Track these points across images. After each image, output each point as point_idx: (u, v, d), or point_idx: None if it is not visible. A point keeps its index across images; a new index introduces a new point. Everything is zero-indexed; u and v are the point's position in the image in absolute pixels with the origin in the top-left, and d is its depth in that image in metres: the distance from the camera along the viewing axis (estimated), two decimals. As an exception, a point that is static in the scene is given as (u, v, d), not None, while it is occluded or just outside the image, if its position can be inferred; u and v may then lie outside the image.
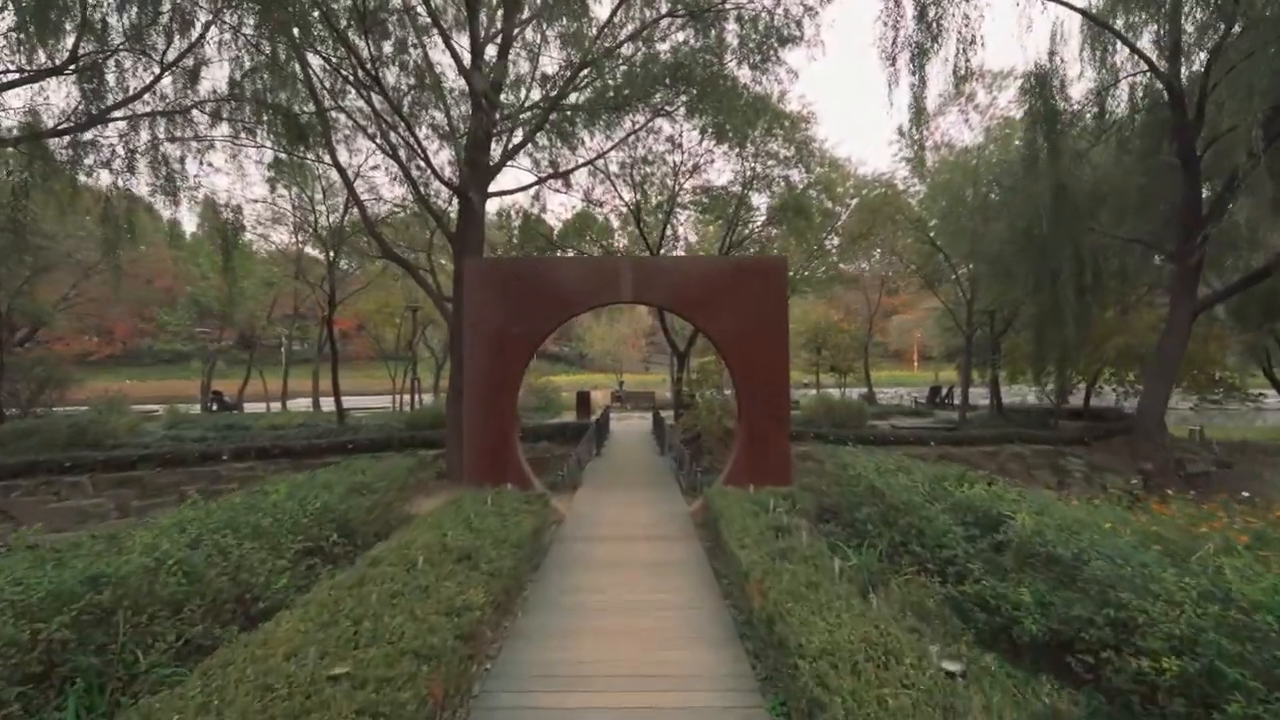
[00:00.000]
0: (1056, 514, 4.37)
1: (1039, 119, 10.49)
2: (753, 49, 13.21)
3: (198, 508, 5.15)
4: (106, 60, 11.61)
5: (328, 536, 5.23)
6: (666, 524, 7.66)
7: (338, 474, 6.86)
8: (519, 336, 8.98)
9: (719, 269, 9.75)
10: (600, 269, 9.60)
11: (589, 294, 9.22)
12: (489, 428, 8.96)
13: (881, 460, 7.15)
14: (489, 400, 8.99)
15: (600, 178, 17.84)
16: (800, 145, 15.59)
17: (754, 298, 8.85)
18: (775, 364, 8.80)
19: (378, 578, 4.05)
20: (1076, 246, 10.71)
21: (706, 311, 9.05)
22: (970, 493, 5.05)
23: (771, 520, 5.90)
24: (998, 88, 20.05)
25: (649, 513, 8.28)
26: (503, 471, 8.47)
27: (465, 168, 10.34)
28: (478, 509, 6.20)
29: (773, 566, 4.36)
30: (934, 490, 5.37)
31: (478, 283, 9.09)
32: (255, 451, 15.99)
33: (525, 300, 8.86)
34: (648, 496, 9.42)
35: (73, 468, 14.64)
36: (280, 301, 27.72)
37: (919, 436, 18.35)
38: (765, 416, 8.75)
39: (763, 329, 8.83)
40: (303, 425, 19.95)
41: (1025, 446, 18.79)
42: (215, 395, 28.68)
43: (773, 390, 8.77)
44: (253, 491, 6.03)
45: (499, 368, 9.00)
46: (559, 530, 7.34)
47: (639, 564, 6.01)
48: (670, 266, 10.18)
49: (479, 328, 9.03)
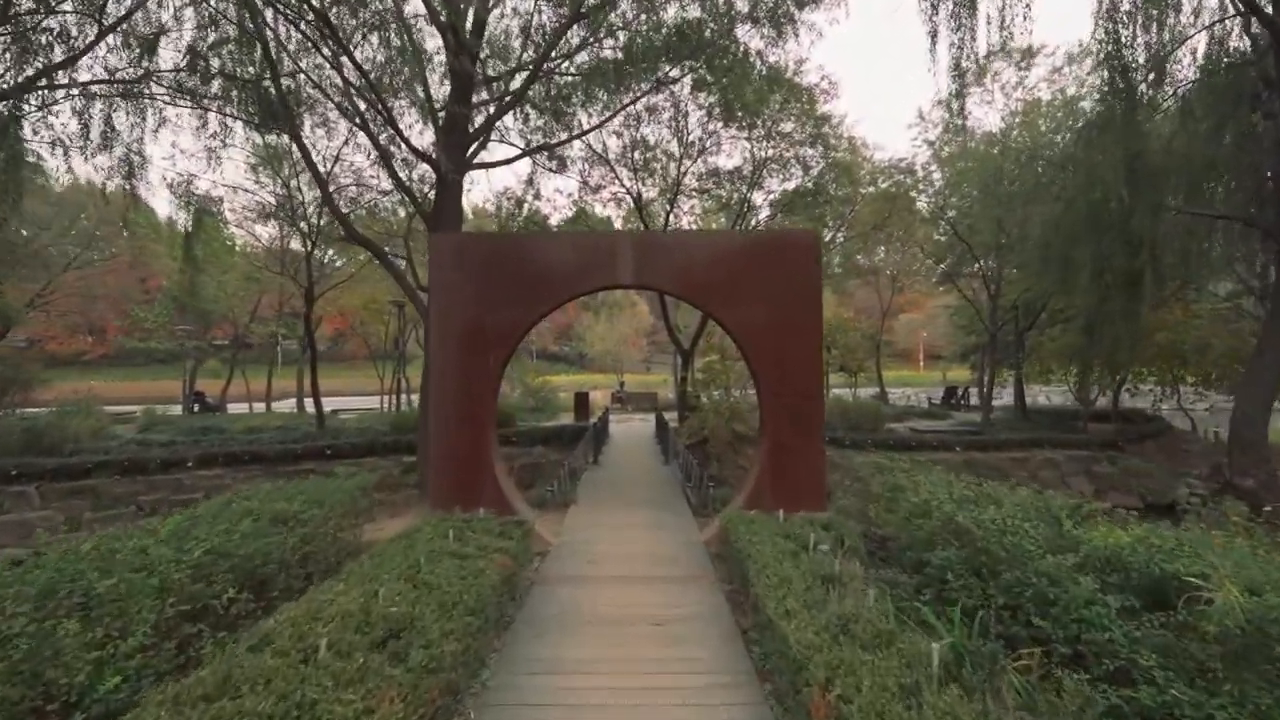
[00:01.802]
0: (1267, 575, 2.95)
1: (1115, 72, 8.96)
2: (765, 13, 11.81)
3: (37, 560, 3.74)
4: (43, 18, 10.26)
5: (219, 594, 3.84)
6: (676, 557, 6.23)
7: (265, 498, 5.46)
8: (497, 329, 7.44)
9: (737, 246, 8.14)
10: (594, 246, 7.97)
11: (580, 277, 7.67)
12: (459, 440, 7.41)
13: (943, 478, 5.72)
14: (459, 406, 7.44)
15: (598, 161, 16.41)
16: (818, 123, 14.14)
17: (779, 281, 7.31)
18: (805, 362, 7.28)
19: (246, 681, 2.66)
20: (1153, 225, 9.23)
21: (721, 298, 7.51)
22: (1110, 540, 3.61)
23: (815, 565, 4.50)
24: (1026, 66, 18.72)
25: (654, 541, 6.84)
26: (476, 494, 6.95)
27: (440, 135, 8.91)
28: (434, 547, 4.79)
29: (838, 655, 2.97)
30: (1051, 531, 3.93)
31: (447, 262, 7.57)
32: (223, 458, 14.78)
33: (504, 284, 7.37)
34: (652, 517, 7.97)
35: (19, 476, 13.37)
36: (267, 298, 26.37)
37: (942, 441, 17.18)
38: (794, 426, 7.20)
39: (790, 319, 7.28)
40: (281, 428, 18.66)
41: (1057, 451, 17.60)
42: (197, 396, 27.52)
43: (803, 394, 7.21)
44: (133, 527, 4.64)
45: (472, 366, 7.46)
46: (542, 567, 5.93)
47: (643, 622, 4.59)
48: (677, 243, 8.53)
49: (448, 317, 7.52)
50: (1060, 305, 18.36)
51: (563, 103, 13.06)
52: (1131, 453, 18.52)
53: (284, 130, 10.55)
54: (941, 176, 20.28)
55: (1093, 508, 4.48)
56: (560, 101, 13.01)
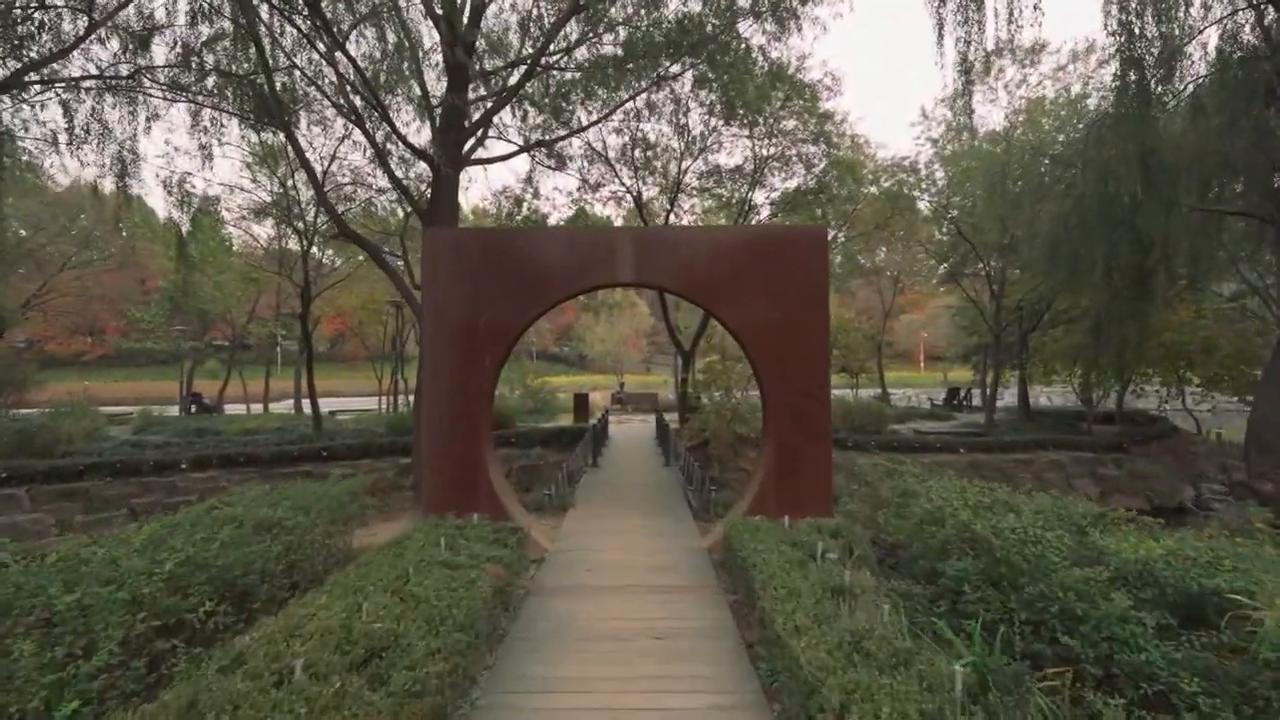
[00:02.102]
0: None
1: (1127, 66, 8.73)
2: (769, 6, 11.60)
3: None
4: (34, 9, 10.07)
5: (195, 607, 3.62)
6: (678, 565, 6.01)
7: (249, 504, 5.24)
8: (492, 328, 7.17)
9: (741, 241, 7.81)
10: (592, 242, 7.69)
11: (579, 274, 7.35)
12: (453, 443, 7.16)
13: (956, 483, 5.50)
14: (454, 407, 7.20)
15: (598, 159, 16.20)
16: (820, 120, 13.91)
17: (785, 277, 7.03)
18: (812, 363, 6.97)
19: (212, 708, 2.45)
20: (1166, 222, 8.99)
21: (725, 296, 7.22)
22: (1141, 550, 3.39)
23: (823, 575, 4.28)
24: (1031, 63, 18.55)
25: (654, 548, 6.61)
26: (471, 499, 6.71)
27: (437, 131, 8.70)
28: (425, 556, 4.58)
29: (854, 678, 2.75)
30: (1075, 541, 3.70)
31: (441, 258, 7.32)
32: (218, 460, 14.56)
33: (500, 282, 7.12)
34: (653, 524, 7.73)
35: (9, 478, 13.16)
36: (265, 298, 26.15)
37: (946, 443, 17.00)
38: (800, 429, 6.90)
39: (796, 317, 7.00)
40: (278, 430, 18.44)
41: (1062, 453, 17.45)
42: (194, 397, 27.25)
43: (810, 396, 6.90)
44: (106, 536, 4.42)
45: (466, 367, 7.21)
46: (538, 575, 5.70)
47: (643, 636, 4.37)
48: (679, 239, 8.14)
49: (442, 316, 7.25)
50: (1064, 305, 18.18)
51: (562, 100, 12.85)
52: (1137, 454, 18.33)
53: (278, 127, 10.36)
54: (945, 175, 20.08)
55: (1116, 515, 4.26)
56: (559, 99, 12.80)
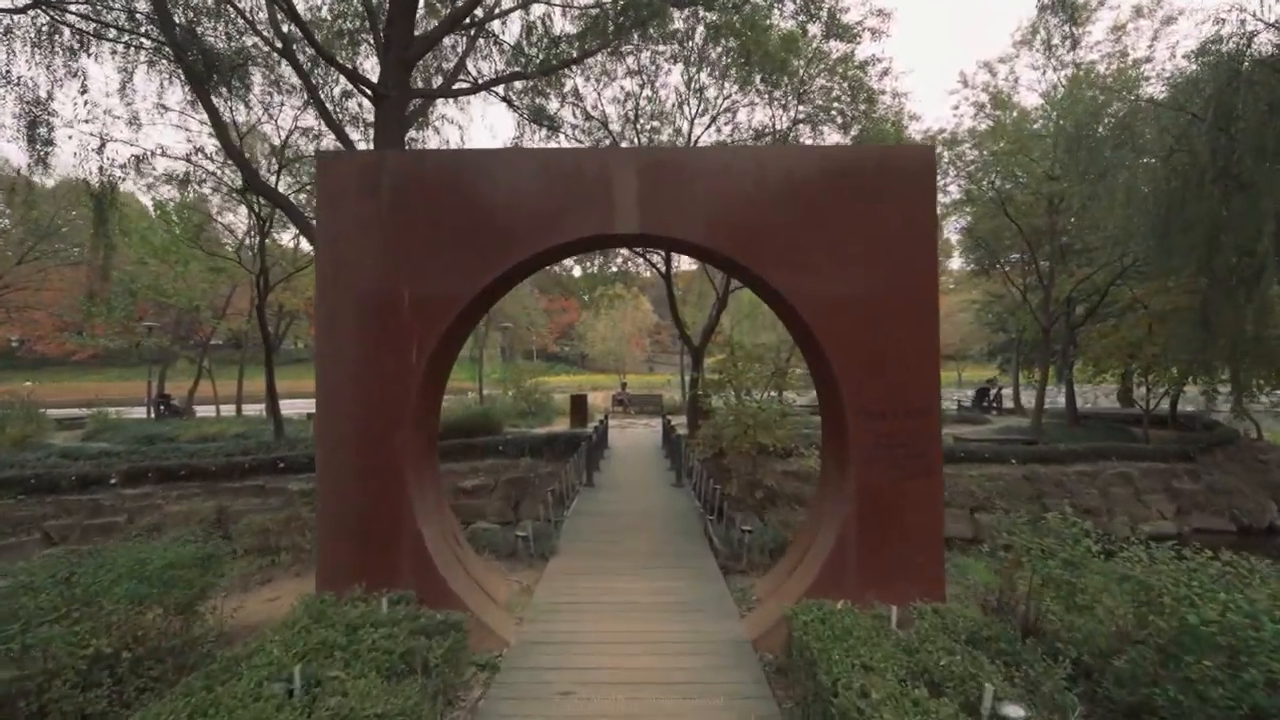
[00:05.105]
0: None
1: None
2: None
3: None
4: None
5: None
6: (707, 676, 3.83)
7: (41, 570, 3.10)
8: (426, 302, 4.69)
9: (809, 168, 4.85)
10: (576, 170, 4.90)
11: (553, 220, 4.81)
12: (362, 482, 4.64)
13: (1180, 563, 3.34)
14: (361, 426, 4.68)
15: (597, 127, 14.01)
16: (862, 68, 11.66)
17: (878, 226, 4.60)
18: (919, 359, 4.61)
19: None
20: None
21: (778, 254, 4.70)
22: None
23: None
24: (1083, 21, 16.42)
25: (673, 638, 4.42)
26: (389, 565, 4.41)
27: (380, 52, 6.54)
28: (268, 690, 2.44)
29: None
30: None
31: (342, 195, 4.77)
32: (154, 473, 12.58)
33: (435, 230, 4.69)
34: (668, 586, 5.53)
35: (-103, 497, 11.03)
36: (241, 292, 24.14)
37: (995, 452, 15.02)
38: (898, 462, 4.51)
39: (892, 291, 4.62)
40: (238, 436, 16.46)
41: (1128, 464, 15.38)
42: (163, 399, 25.46)
43: (913, 409, 4.54)
44: None
45: (382, 361, 4.68)
46: (484, 706, 3.51)
47: None
48: (710, 164, 5.00)
49: (344, 285, 4.75)
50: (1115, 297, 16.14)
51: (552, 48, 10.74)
52: (1204, 464, 16.30)
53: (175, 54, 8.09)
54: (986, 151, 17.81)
55: None
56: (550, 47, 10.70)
